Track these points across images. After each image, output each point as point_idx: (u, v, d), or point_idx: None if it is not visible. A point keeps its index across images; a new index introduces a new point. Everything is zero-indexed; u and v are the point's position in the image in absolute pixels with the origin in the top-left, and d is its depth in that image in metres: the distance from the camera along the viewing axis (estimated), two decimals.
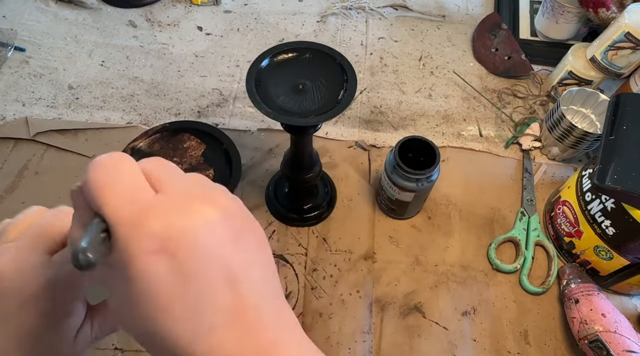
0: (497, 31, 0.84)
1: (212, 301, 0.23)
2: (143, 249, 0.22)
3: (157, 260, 0.22)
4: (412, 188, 0.57)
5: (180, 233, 0.22)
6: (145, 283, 0.22)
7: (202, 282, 0.23)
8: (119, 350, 0.55)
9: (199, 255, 0.23)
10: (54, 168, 0.68)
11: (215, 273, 0.23)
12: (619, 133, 0.52)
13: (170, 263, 0.22)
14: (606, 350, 0.51)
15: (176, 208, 0.23)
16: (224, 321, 0.23)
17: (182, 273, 0.22)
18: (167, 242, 0.22)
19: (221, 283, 0.23)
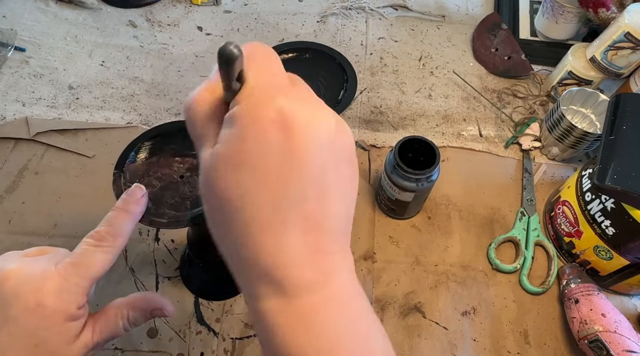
0: (497, 31, 0.84)
1: (299, 199, 0.23)
2: (268, 116, 0.23)
3: (275, 131, 0.23)
4: (412, 188, 0.57)
5: (304, 121, 0.23)
6: (256, 144, 0.23)
7: (301, 175, 0.23)
8: (119, 350, 0.55)
9: (311, 149, 0.23)
10: (54, 168, 0.68)
11: (314, 176, 0.23)
12: (619, 133, 0.52)
13: (283, 140, 0.23)
14: (606, 350, 0.51)
15: (307, 101, 0.24)
16: (300, 225, 0.23)
17: (290, 155, 0.23)
18: (290, 121, 0.23)
19: (313, 189, 0.24)
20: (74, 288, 0.32)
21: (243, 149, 0.23)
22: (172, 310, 0.39)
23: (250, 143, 0.23)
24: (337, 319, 0.25)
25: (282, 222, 0.23)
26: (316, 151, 0.23)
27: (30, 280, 0.31)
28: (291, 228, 0.23)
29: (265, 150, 0.23)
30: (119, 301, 0.37)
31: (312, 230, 0.24)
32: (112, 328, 0.35)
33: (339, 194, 0.25)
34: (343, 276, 0.26)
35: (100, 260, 0.33)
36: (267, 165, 0.23)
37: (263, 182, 0.23)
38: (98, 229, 0.35)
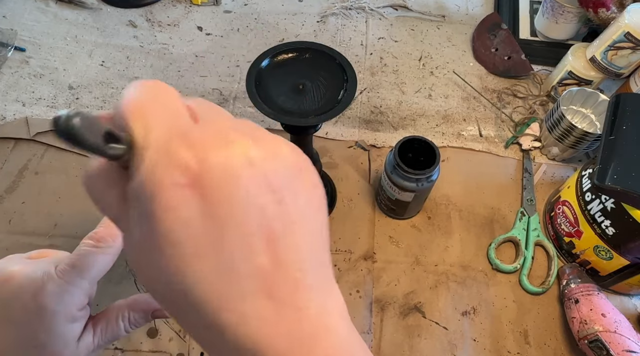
0: (497, 31, 0.84)
1: (246, 259, 0.19)
2: (172, 180, 0.18)
3: (187, 196, 0.18)
4: (412, 188, 0.57)
5: (217, 170, 0.19)
6: (171, 221, 0.18)
7: (236, 232, 0.19)
8: (119, 350, 0.55)
9: (236, 199, 0.19)
10: (54, 168, 0.68)
11: (252, 225, 0.19)
12: (619, 133, 0.52)
13: (201, 203, 0.18)
14: (606, 350, 0.51)
15: (215, 140, 0.19)
16: (259, 288, 0.19)
17: (215, 217, 0.19)
18: (201, 177, 0.18)
19: (258, 240, 0.19)
20: (74, 289, 0.32)
21: (159, 231, 0.18)
22: None
23: (164, 221, 0.18)
24: None
25: (238, 291, 0.19)
26: (243, 194, 0.19)
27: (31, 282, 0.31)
28: (250, 295, 0.19)
29: (183, 222, 0.18)
30: (120, 302, 0.37)
31: (275, 287, 0.20)
32: (113, 329, 0.35)
33: (294, 229, 0.20)
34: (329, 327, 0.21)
35: (99, 261, 0.33)
36: (194, 238, 0.19)
37: (198, 257, 0.19)
38: (97, 230, 0.35)
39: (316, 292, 0.21)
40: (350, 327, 0.22)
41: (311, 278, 0.21)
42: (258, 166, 0.19)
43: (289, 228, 0.20)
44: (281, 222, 0.20)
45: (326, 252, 0.22)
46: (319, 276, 0.22)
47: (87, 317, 0.34)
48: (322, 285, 0.22)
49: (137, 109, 0.20)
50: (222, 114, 0.22)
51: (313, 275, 0.21)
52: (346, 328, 0.22)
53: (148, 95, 0.20)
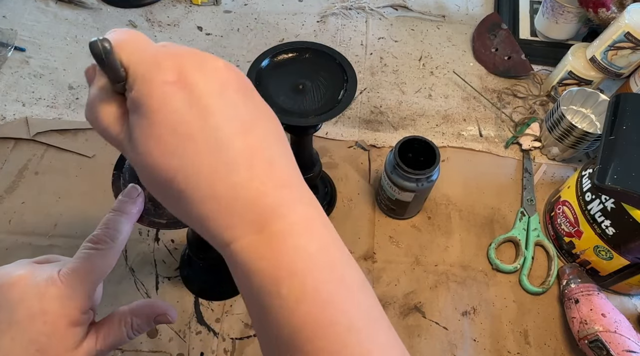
0: (497, 31, 0.84)
1: (228, 141, 0.24)
2: (161, 79, 0.23)
3: (175, 90, 0.23)
4: (412, 188, 0.57)
5: (195, 71, 0.24)
6: (165, 110, 0.23)
7: (218, 118, 0.24)
8: (119, 350, 0.55)
9: (213, 91, 0.24)
10: (54, 168, 0.68)
11: (228, 112, 0.24)
12: (619, 133, 0.52)
13: (187, 95, 0.23)
14: (606, 350, 0.51)
15: (190, 52, 0.25)
16: (241, 163, 0.24)
17: (200, 106, 0.23)
18: (184, 75, 0.24)
19: (235, 126, 0.24)
20: (76, 293, 0.32)
21: (156, 121, 0.23)
22: (175, 316, 0.39)
23: (159, 113, 0.23)
24: (308, 242, 0.25)
25: (226, 166, 0.24)
26: (220, 91, 0.24)
27: (35, 286, 0.31)
28: (236, 168, 0.24)
29: (176, 113, 0.23)
30: (123, 308, 0.37)
31: (255, 162, 0.24)
32: (116, 335, 0.35)
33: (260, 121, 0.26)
34: (305, 203, 0.26)
35: (99, 263, 0.33)
36: (185, 125, 0.23)
37: (190, 141, 0.23)
38: (95, 232, 0.35)
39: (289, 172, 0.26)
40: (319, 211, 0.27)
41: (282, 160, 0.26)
42: (225, 71, 0.25)
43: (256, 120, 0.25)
44: (250, 114, 0.25)
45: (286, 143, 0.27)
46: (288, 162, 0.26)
47: (90, 322, 0.34)
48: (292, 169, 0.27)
49: (120, 43, 0.25)
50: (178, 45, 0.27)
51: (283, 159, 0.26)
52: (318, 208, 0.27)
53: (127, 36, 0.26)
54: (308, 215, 0.26)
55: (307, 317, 0.24)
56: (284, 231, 0.24)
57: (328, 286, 0.25)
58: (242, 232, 0.24)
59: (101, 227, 0.35)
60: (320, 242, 0.26)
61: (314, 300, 0.24)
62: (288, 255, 0.24)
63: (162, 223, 0.39)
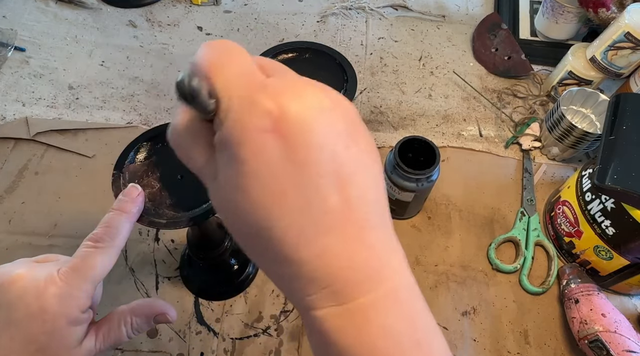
0: (497, 31, 0.84)
1: (321, 198, 0.21)
2: (256, 126, 0.21)
3: (270, 140, 0.21)
4: (412, 188, 0.57)
5: (295, 116, 0.21)
6: (257, 163, 0.21)
7: (313, 173, 0.21)
8: (119, 350, 0.55)
9: (312, 142, 0.21)
10: (54, 168, 0.68)
11: (326, 167, 0.21)
12: (619, 133, 0.52)
13: (283, 145, 0.21)
14: (606, 350, 0.51)
15: (290, 90, 0.22)
16: (333, 225, 0.22)
17: (295, 159, 0.21)
18: (281, 122, 0.21)
19: (331, 181, 0.21)
20: (76, 292, 0.32)
21: (245, 171, 0.21)
22: (175, 315, 0.39)
23: (250, 162, 0.21)
24: (394, 321, 0.23)
25: (315, 227, 0.21)
26: (319, 139, 0.21)
27: (34, 285, 0.31)
28: (325, 230, 0.21)
29: (267, 164, 0.21)
30: (122, 308, 0.37)
31: (348, 223, 0.22)
32: (116, 334, 0.35)
33: (360, 172, 0.22)
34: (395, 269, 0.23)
35: (99, 262, 0.33)
36: (276, 178, 0.21)
37: (279, 197, 0.21)
38: (95, 231, 0.35)
39: (382, 233, 0.23)
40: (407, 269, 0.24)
41: (376, 219, 0.23)
42: (329, 114, 0.22)
43: (355, 171, 0.22)
44: (349, 165, 0.22)
45: (385, 198, 0.24)
46: (382, 220, 0.24)
47: (90, 321, 0.34)
48: (385, 228, 0.24)
49: (216, 67, 0.22)
50: (288, 69, 0.24)
51: (377, 217, 0.23)
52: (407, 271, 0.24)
53: (222, 53, 0.23)
54: (396, 284, 0.23)
55: None
56: (370, 306, 0.22)
57: None
58: (324, 301, 0.22)
59: (101, 225, 0.35)
60: (408, 318, 0.23)
61: None
62: (373, 335, 0.22)
63: (162, 223, 0.39)
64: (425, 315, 0.25)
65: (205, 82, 0.22)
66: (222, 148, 0.22)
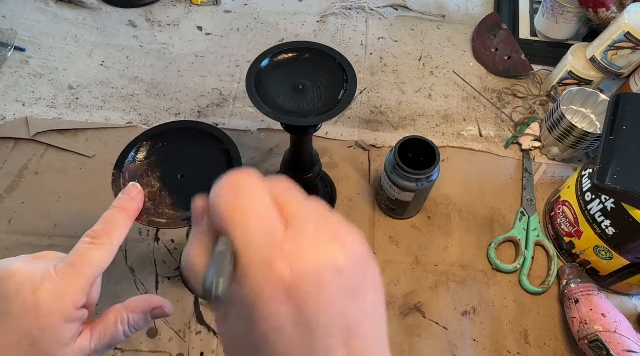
0: (497, 31, 0.84)
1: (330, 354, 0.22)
2: (272, 296, 0.21)
3: (284, 308, 0.21)
4: (412, 188, 0.57)
5: (308, 281, 0.21)
6: (268, 329, 0.21)
7: (322, 335, 0.22)
8: (119, 350, 0.55)
9: (322, 304, 0.22)
10: (54, 168, 0.68)
11: (335, 326, 0.22)
12: (619, 133, 0.52)
13: (294, 311, 0.21)
14: (606, 350, 0.51)
15: (307, 252, 0.22)
16: None
17: (305, 325, 0.21)
18: (296, 289, 0.21)
19: (339, 339, 0.22)
20: (72, 288, 0.31)
21: (256, 334, 0.22)
22: (171, 309, 0.39)
23: (262, 327, 0.21)
24: None
25: None
26: (328, 300, 0.22)
27: (31, 279, 0.31)
28: None
29: (279, 330, 0.21)
30: (117, 306, 0.37)
31: None
32: (112, 333, 0.35)
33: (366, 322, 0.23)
34: None
35: (96, 258, 0.33)
36: (285, 342, 0.22)
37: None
38: (94, 228, 0.34)
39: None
40: None
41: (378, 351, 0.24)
42: (342, 274, 0.22)
43: (362, 320, 0.23)
44: (357, 318, 0.23)
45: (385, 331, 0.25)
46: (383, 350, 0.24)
47: (85, 319, 0.34)
48: None
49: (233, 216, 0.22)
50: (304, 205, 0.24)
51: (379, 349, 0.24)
52: None
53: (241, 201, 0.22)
54: None
55: None
56: None
57: None
58: None
59: (100, 222, 0.35)
60: None
61: None
62: None
63: (161, 222, 0.39)
64: None
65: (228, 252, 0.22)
66: (236, 303, 0.22)
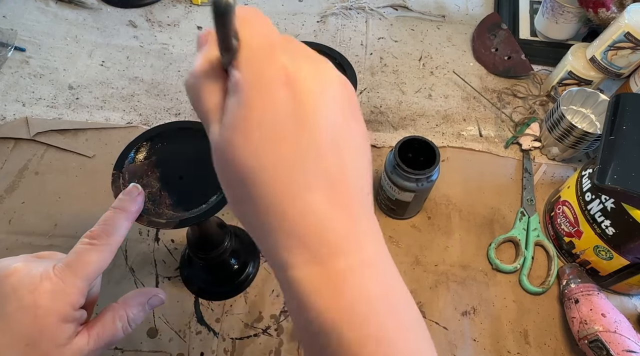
0: (497, 31, 0.84)
1: (318, 156, 0.22)
2: (272, 76, 0.22)
3: (282, 92, 0.22)
4: (412, 188, 0.57)
5: (309, 78, 0.23)
6: (265, 110, 0.22)
7: (314, 131, 0.22)
8: (119, 350, 0.55)
9: (319, 105, 0.23)
10: (54, 168, 0.68)
11: (327, 131, 0.23)
12: (619, 133, 0.52)
13: (292, 100, 0.22)
14: (606, 350, 0.51)
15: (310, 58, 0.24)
16: (322, 185, 0.23)
17: (300, 114, 0.22)
18: (295, 80, 0.22)
19: (329, 144, 0.23)
20: (70, 288, 0.31)
21: (252, 116, 0.22)
22: (164, 296, 0.39)
23: (258, 108, 0.22)
24: (371, 285, 0.23)
25: (305, 183, 0.22)
26: (325, 106, 0.23)
27: (29, 279, 0.31)
28: (315, 188, 0.22)
29: (275, 113, 0.22)
30: (113, 305, 0.37)
31: (336, 188, 0.23)
32: (110, 332, 0.35)
33: (354, 149, 0.24)
34: (373, 240, 0.24)
35: (95, 259, 0.33)
36: (279, 128, 0.22)
37: (278, 145, 0.22)
38: (93, 228, 0.35)
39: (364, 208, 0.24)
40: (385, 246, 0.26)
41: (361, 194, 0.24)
42: (339, 88, 0.23)
43: (352, 146, 0.24)
44: (348, 138, 0.23)
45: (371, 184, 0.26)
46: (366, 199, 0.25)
47: (83, 320, 0.34)
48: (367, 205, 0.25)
49: (244, 18, 0.23)
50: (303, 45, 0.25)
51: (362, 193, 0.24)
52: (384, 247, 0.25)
53: (254, 14, 0.24)
54: (373, 253, 0.24)
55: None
56: (347, 270, 0.23)
57: (390, 331, 0.23)
58: (302, 259, 0.23)
59: (99, 223, 0.35)
60: (384, 284, 0.24)
61: (376, 345, 0.23)
62: (350, 299, 0.23)
63: (161, 222, 0.39)
64: (400, 285, 0.26)
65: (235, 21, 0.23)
66: (234, 92, 0.23)
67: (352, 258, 0.23)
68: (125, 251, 0.61)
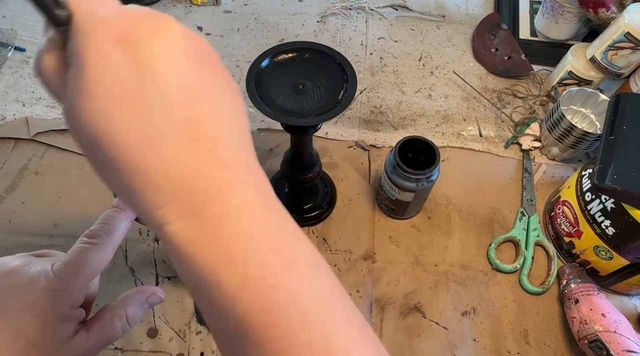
0: (497, 31, 0.84)
1: (166, 107, 0.22)
2: (102, 34, 0.22)
3: (115, 47, 0.22)
4: (412, 188, 0.57)
5: (145, 32, 0.22)
6: (100, 68, 0.21)
7: (158, 83, 0.22)
8: (119, 350, 0.55)
9: (160, 54, 0.22)
10: (54, 168, 0.68)
11: (173, 79, 0.22)
12: (619, 133, 0.52)
13: (129, 54, 0.22)
14: (606, 350, 0.51)
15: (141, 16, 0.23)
16: (177, 136, 0.22)
17: (140, 67, 0.22)
18: (128, 34, 0.22)
19: (179, 94, 0.22)
20: (67, 287, 0.31)
21: (88, 77, 0.21)
22: (163, 294, 0.39)
23: (93, 69, 0.21)
24: (251, 228, 0.23)
25: (158, 136, 0.22)
26: (165, 58, 0.22)
27: (28, 278, 0.31)
28: (171, 140, 0.22)
29: (112, 72, 0.21)
30: (112, 304, 0.36)
31: (197, 135, 0.22)
32: (108, 331, 0.34)
33: (213, 94, 0.23)
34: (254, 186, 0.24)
35: (94, 258, 0.33)
36: (120, 86, 0.21)
37: (123, 104, 0.21)
38: (92, 227, 0.34)
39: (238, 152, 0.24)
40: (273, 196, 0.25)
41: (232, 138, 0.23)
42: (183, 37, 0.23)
43: (208, 92, 0.23)
44: (201, 86, 0.23)
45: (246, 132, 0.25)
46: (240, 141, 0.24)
47: (82, 319, 0.34)
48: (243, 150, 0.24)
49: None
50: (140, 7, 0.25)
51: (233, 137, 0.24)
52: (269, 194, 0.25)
53: None
54: (250, 198, 0.23)
55: (252, 305, 0.22)
56: (221, 215, 0.22)
57: (274, 270, 0.23)
58: (174, 213, 0.22)
59: (98, 222, 0.35)
60: (264, 225, 0.23)
61: (259, 287, 0.22)
62: (226, 242, 0.22)
63: None
64: (286, 226, 0.25)
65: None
66: (71, 61, 0.22)
67: (224, 205, 0.22)
68: (125, 251, 0.61)
